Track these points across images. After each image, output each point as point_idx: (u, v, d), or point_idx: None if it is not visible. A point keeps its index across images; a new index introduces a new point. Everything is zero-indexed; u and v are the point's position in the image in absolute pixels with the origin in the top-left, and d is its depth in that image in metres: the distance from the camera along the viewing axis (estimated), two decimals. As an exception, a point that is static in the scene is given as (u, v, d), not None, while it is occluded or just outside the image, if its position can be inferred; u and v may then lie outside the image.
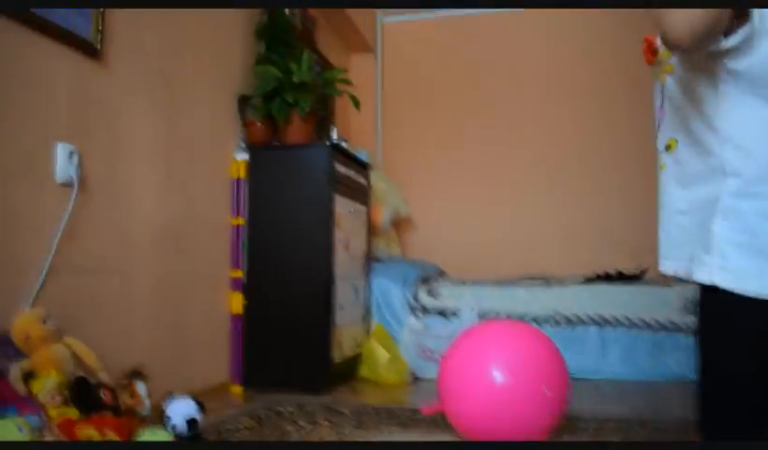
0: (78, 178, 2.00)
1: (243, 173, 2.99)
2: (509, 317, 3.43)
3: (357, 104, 3.30)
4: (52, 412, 1.64)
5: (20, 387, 1.65)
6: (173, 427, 1.76)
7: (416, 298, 3.56)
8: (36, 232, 1.90)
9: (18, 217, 1.84)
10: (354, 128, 4.58)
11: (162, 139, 2.48)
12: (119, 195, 2.24)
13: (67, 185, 1.98)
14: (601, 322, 3.32)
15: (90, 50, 2.09)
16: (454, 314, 3.46)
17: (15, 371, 1.66)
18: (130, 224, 2.30)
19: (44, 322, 1.77)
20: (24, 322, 1.76)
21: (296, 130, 3.08)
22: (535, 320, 3.39)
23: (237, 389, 2.92)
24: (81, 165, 2.03)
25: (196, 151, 2.71)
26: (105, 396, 1.73)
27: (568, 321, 3.36)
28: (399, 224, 4.52)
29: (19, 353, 1.74)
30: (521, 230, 4.52)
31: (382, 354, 3.24)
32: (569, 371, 2.01)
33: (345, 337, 3.11)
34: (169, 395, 1.86)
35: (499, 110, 4.67)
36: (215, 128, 2.89)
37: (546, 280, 3.72)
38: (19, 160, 1.85)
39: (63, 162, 1.96)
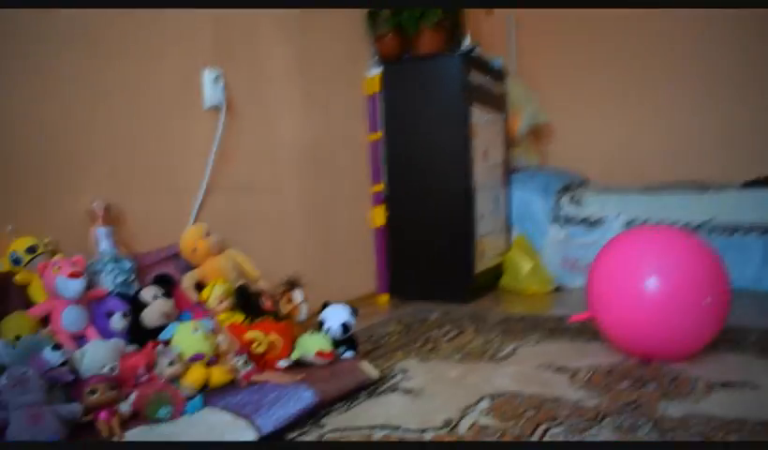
0: (224, 101, 2.12)
1: (377, 88, 3.01)
2: (659, 224, 3.26)
3: (488, 11, 3.17)
4: (221, 317, 1.81)
5: (192, 295, 1.83)
6: (328, 330, 1.87)
7: (558, 207, 3.47)
8: (192, 154, 2.05)
9: (176, 142, 2.00)
10: (486, 35, 4.43)
11: (298, 57, 2.55)
12: (263, 116, 2.35)
13: (216, 108, 2.11)
14: (764, 230, 3.06)
15: (226, -24, 2.17)
16: (599, 222, 3.35)
17: (187, 280, 1.84)
18: (275, 144, 2.41)
19: (207, 236, 1.92)
20: (190, 237, 1.93)
21: (427, 41, 3.03)
22: (688, 227, 3.20)
23: (384, 298, 3.05)
24: (226, 88, 2.14)
25: (331, 69, 2.76)
26: (266, 302, 1.86)
27: (726, 229, 3.14)
28: (538, 132, 4.37)
29: (188, 265, 1.93)
30: (671, 133, 4.21)
31: (524, 264, 3.22)
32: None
33: (486, 248, 3.12)
34: (324, 302, 1.97)
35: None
36: (348, 45, 2.91)
37: (701, 186, 3.48)
38: (172, 88, 1.99)
39: (210, 87, 2.08)
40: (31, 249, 1.58)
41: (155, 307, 1.65)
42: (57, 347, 1.38)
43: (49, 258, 1.58)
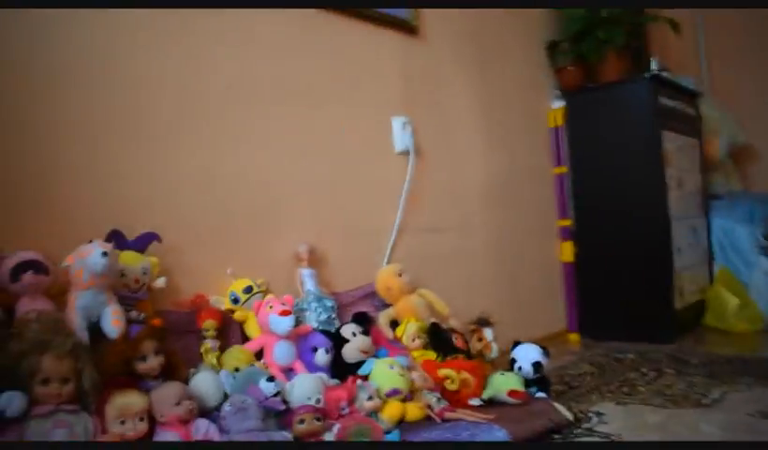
0: (413, 146, 2.23)
1: (560, 121, 2.98)
2: None
3: (676, 28, 3.02)
4: (414, 354, 1.86)
5: (388, 332, 1.91)
6: (520, 369, 1.85)
7: (766, 237, 3.16)
8: (385, 197, 2.19)
9: (370, 186, 2.14)
10: (675, 56, 4.18)
11: (479, 98, 2.60)
12: (449, 157, 2.44)
13: (404, 153, 2.23)
14: None
15: (409, 28, 2.31)
16: (818, 251, 3.00)
17: (383, 318, 1.93)
18: (461, 183, 2.48)
19: (400, 276, 2.01)
20: (385, 276, 2.03)
21: (611, 67, 2.95)
22: None
23: (574, 337, 2.95)
24: (414, 134, 2.25)
25: (512, 105, 2.78)
26: (457, 340, 1.91)
27: None
28: (737, 154, 4.03)
29: (383, 303, 2.03)
30: None
31: (730, 300, 2.95)
32: None
33: (685, 283, 2.92)
34: (515, 341, 1.96)
35: None
36: (528, 80, 2.92)
37: None
38: (367, 135, 2.14)
39: (399, 133, 2.21)
40: (247, 290, 1.75)
41: (355, 344, 1.74)
42: (271, 379, 1.51)
43: (262, 297, 1.74)
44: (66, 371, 1.28)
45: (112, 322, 1.41)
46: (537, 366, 1.84)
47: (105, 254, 1.36)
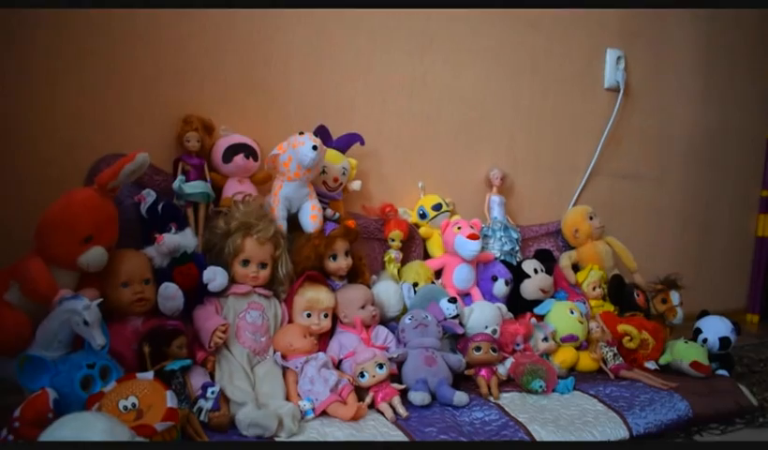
0: (623, 83, 2.06)
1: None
2: None
3: None
4: (593, 303, 1.79)
5: (570, 275, 1.83)
6: (705, 342, 1.72)
7: None
8: (584, 135, 2.06)
9: (571, 121, 2.02)
10: None
11: (701, 45, 2.35)
12: (658, 101, 2.24)
13: (612, 90, 2.07)
14: None
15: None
16: None
17: (565, 260, 1.85)
18: (667, 132, 2.29)
19: (591, 219, 1.91)
20: (574, 217, 1.93)
21: None
22: None
23: (753, 318, 2.71)
24: (626, 70, 2.08)
25: (737, 61, 2.48)
26: (638, 297, 1.80)
27: None
28: None
29: (566, 245, 1.95)
30: None
31: None
32: None
33: None
34: (702, 310, 1.83)
35: None
36: (759, 38, 2.59)
37: None
38: (577, 65, 2.01)
39: (611, 67, 2.05)
40: (436, 207, 1.73)
41: (536, 281, 1.69)
42: (453, 300, 1.49)
43: (449, 217, 1.72)
44: (266, 256, 1.34)
45: (311, 217, 1.44)
46: (724, 341, 1.71)
47: (315, 148, 1.37)
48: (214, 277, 1.28)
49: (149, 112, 1.40)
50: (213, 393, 1.12)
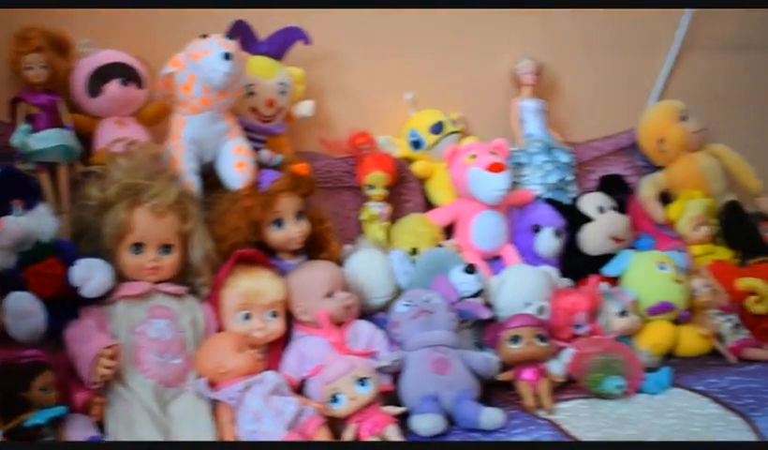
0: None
1: None
2: None
3: None
4: (697, 250, 1.76)
5: (656, 211, 1.80)
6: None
7: None
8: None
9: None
10: None
11: None
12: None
13: None
14: None
15: None
16: None
17: (648, 188, 1.82)
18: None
19: (682, 121, 1.86)
20: (658, 119, 1.90)
21: None
22: None
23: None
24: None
25: None
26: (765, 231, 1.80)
27: None
28: None
29: (650, 165, 1.91)
30: None
31: None
32: None
33: None
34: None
35: None
36: None
37: None
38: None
39: None
40: (436, 128, 1.69)
41: (602, 225, 1.66)
42: (471, 269, 1.45)
43: (458, 142, 1.68)
44: (168, 234, 1.30)
45: (236, 165, 1.40)
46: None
47: (228, 56, 1.32)
48: (90, 274, 1.24)
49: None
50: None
